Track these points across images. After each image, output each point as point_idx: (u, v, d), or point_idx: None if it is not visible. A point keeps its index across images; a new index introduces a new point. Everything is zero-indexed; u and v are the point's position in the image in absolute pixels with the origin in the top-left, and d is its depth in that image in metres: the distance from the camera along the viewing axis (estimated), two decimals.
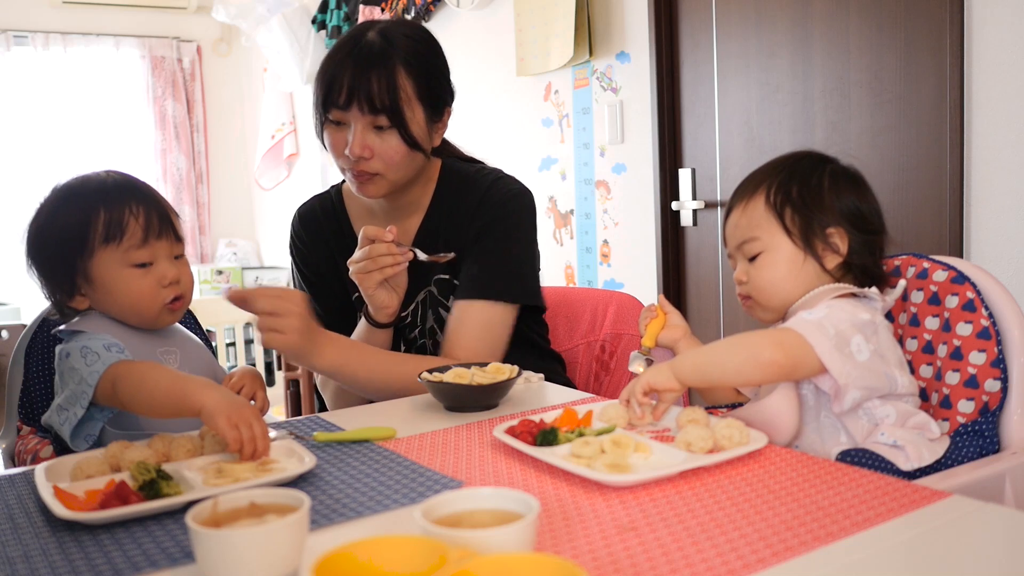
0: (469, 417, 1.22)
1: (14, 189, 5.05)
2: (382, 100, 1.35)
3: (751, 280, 1.18)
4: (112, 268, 1.18)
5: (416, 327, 1.52)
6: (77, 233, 1.18)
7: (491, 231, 1.48)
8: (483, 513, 0.71)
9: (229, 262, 5.54)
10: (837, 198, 1.15)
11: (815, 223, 1.14)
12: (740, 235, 1.19)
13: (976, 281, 1.15)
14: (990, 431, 1.08)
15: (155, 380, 1.05)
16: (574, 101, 3.13)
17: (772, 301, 1.17)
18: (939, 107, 2.02)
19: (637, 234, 2.93)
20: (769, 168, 1.21)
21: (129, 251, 1.18)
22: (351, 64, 1.36)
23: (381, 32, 1.40)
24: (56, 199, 1.22)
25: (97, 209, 1.18)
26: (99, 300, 1.21)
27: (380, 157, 1.38)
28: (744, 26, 2.53)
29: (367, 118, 1.37)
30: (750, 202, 1.19)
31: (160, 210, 1.22)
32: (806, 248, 1.15)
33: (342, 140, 1.39)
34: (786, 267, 1.15)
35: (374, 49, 1.37)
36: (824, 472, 0.90)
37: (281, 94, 5.14)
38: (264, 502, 0.73)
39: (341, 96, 1.36)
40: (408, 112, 1.38)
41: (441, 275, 1.51)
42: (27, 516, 0.89)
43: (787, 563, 0.69)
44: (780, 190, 1.17)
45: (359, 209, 1.57)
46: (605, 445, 0.95)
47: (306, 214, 1.61)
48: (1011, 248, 1.90)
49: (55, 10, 5.14)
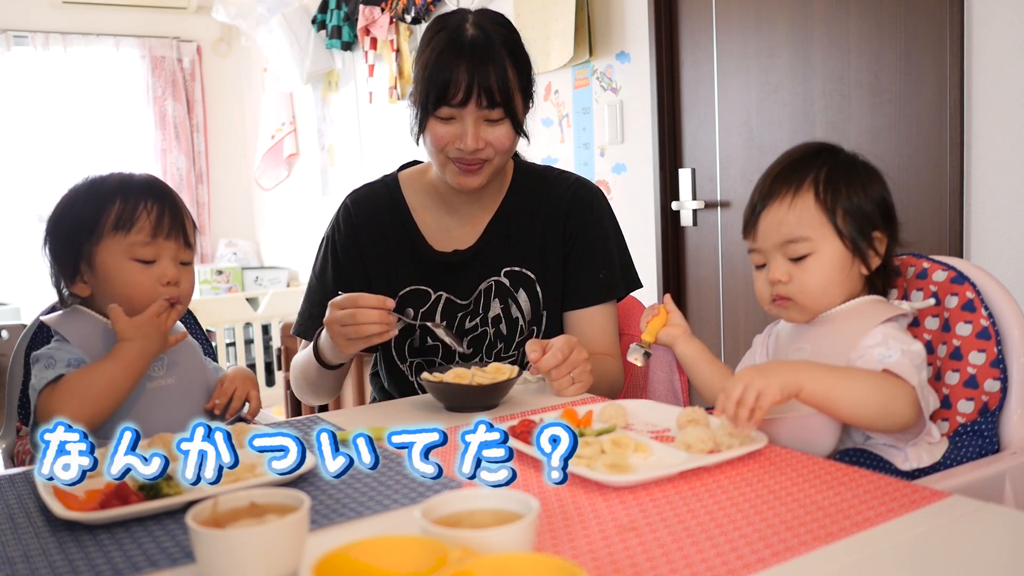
0: (469, 417, 1.22)
1: (14, 189, 5.06)
2: (501, 91, 1.37)
3: (796, 282, 1.12)
4: (116, 257, 1.19)
5: (477, 316, 1.54)
6: (90, 219, 1.19)
7: (594, 235, 1.55)
8: (483, 513, 0.71)
9: (229, 262, 5.53)
10: (874, 195, 1.13)
11: (866, 226, 1.11)
12: (786, 233, 1.11)
13: (976, 281, 1.15)
14: (990, 431, 1.08)
15: (96, 368, 1.15)
16: (574, 101, 3.13)
17: (817, 305, 1.13)
18: (939, 107, 2.02)
19: (637, 234, 2.93)
20: (804, 160, 1.15)
21: (135, 244, 1.19)
22: (465, 62, 1.35)
23: (477, 25, 1.40)
24: (80, 187, 1.23)
25: (114, 199, 1.20)
26: (98, 288, 1.21)
27: (491, 147, 1.40)
28: (744, 26, 2.53)
29: (482, 112, 1.38)
30: (796, 198, 1.11)
31: (175, 211, 1.22)
32: (855, 251, 1.11)
33: (449, 134, 1.39)
34: (835, 271, 1.11)
35: (479, 43, 1.37)
36: (824, 472, 0.90)
37: (281, 94, 5.14)
38: (264, 502, 0.73)
39: (458, 95, 1.36)
40: (517, 102, 1.41)
41: (513, 267, 1.53)
42: (27, 516, 0.89)
43: (787, 563, 0.69)
44: (828, 187, 1.11)
45: (420, 199, 1.57)
46: (605, 445, 0.95)
47: (362, 200, 1.59)
48: (1011, 248, 1.90)
49: (55, 10, 5.13)
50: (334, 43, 4.34)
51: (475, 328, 1.54)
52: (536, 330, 1.55)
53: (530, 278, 1.54)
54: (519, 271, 1.54)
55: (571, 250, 1.55)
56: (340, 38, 4.31)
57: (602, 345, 1.52)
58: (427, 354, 1.56)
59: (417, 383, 1.57)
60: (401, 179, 1.60)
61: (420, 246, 1.54)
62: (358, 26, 4.12)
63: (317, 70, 4.61)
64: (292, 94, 5.13)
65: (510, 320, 1.54)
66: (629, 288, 1.60)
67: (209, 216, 5.70)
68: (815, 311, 1.14)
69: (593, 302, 1.55)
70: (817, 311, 1.14)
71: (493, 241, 1.54)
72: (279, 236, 5.54)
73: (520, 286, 1.54)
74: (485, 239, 1.54)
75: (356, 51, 4.38)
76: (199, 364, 1.31)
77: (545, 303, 1.55)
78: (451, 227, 1.55)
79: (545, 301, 1.55)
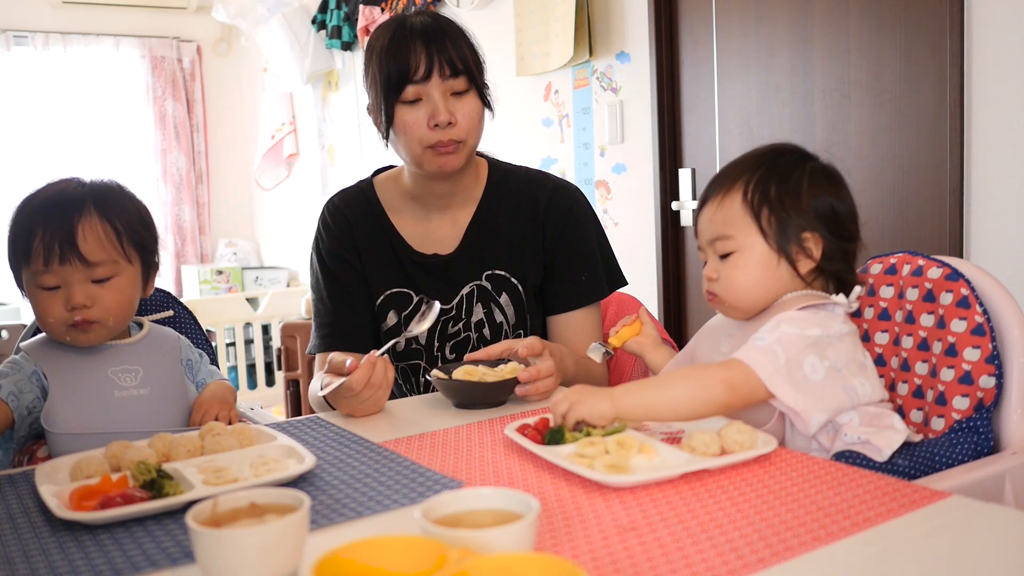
0: (474, 416, 1.23)
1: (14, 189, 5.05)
2: (462, 61, 1.38)
3: (721, 279, 1.16)
4: (29, 286, 1.22)
5: (460, 320, 1.53)
6: (13, 246, 1.22)
7: (575, 238, 1.54)
8: (483, 513, 0.71)
9: (229, 262, 5.53)
10: (815, 199, 1.13)
11: (791, 226, 1.12)
12: (714, 231, 1.16)
13: (970, 278, 1.15)
14: (985, 427, 1.08)
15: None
16: (574, 101, 3.13)
17: (741, 303, 1.15)
18: (939, 107, 2.02)
19: (637, 234, 2.93)
20: (747, 162, 1.17)
21: (36, 273, 1.20)
22: (419, 38, 1.37)
23: (420, 15, 1.42)
24: (18, 206, 1.24)
25: (30, 226, 1.20)
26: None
27: (462, 122, 1.40)
28: (744, 26, 2.53)
29: (446, 84, 1.38)
30: (726, 197, 1.15)
31: (67, 234, 1.17)
32: (780, 251, 1.13)
33: (419, 117, 1.39)
34: (758, 269, 1.13)
35: (428, 25, 1.39)
36: (824, 472, 0.90)
37: (281, 94, 5.14)
38: (264, 502, 0.73)
39: (419, 70, 1.36)
40: (477, 73, 1.42)
41: (496, 270, 1.53)
42: (27, 516, 0.89)
43: (787, 563, 0.69)
44: (758, 188, 1.13)
45: (396, 203, 1.56)
46: (609, 446, 0.95)
47: (339, 205, 1.58)
48: (1011, 248, 1.90)
49: (55, 10, 5.14)
50: (334, 43, 4.35)
51: (458, 333, 1.54)
52: (521, 334, 1.55)
53: (512, 282, 1.53)
54: (501, 275, 1.53)
55: (553, 256, 1.54)
56: (340, 38, 4.31)
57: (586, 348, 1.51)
58: (411, 358, 1.56)
59: (407, 386, 1.59)
60: (376, 183, 1.59)
61: (400, 248, 1.53)
62: (358, 26, 4.12)
63: (317, 70, 4.61)
64: (292, 94, 5.13)
65: (494, 324, 1.53)
66: (613, 287, 1.59)
67: (209, 216, 5.70)
68: (740, 308, 1.16)
69: (576, 306, 1.54)
70: (743, 308, 1.16)
71: (473, 245, 1.53)
72: (279, 236, 5.54)
73: (503, 290, 1.53)
74: (465, 243, 1.53)
75: (356, 51, 4.38)
76: (177, 378, 1.31)
77: (528, 307, 1.54)
78: (430, 229, 1.54)
79: (528, 305, 1.54)
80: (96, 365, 1.25)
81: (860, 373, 1.09)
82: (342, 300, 1.53)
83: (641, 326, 1.35)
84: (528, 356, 1.31)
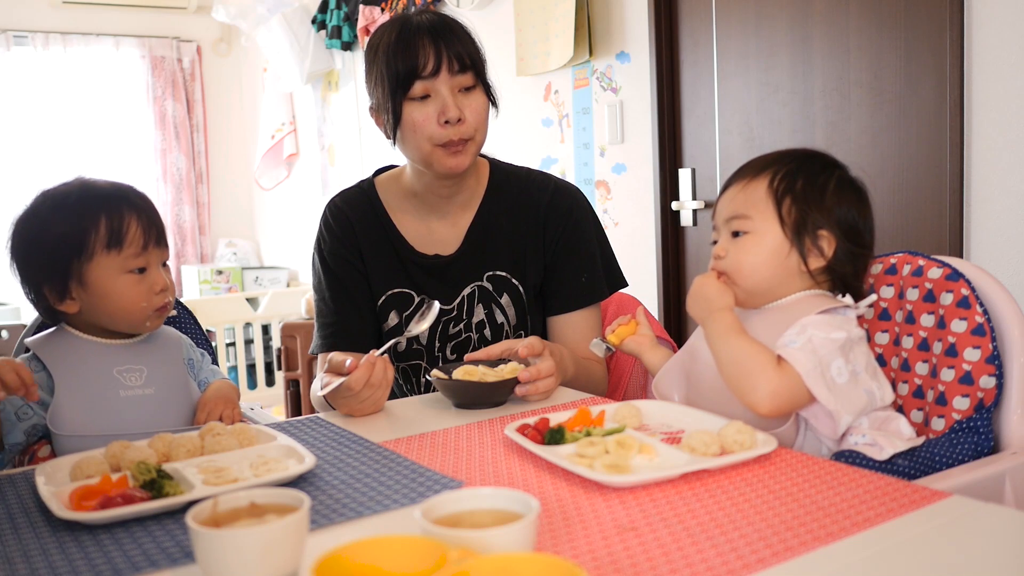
0: (474, 416, 1.23)
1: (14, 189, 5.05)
2: (469, 56, 1.38)
3: (730, 257, 1.17)
4: (110, 273, 1.22)
5: (461, 321, 1.53)
6: (76, 238, 1.21)
7: (576, 240, 1.54)
8: (483, 513, 0.71)
9: (229, 262, 5.54)
10: (837, 204, 1.15)
11: (810, 221, 1.14)
12: (733, 209, 1.18)
13: (971, 278, 1.15)
14: (985, 427, 1.08)
15: None
16: (574, 101, 3.13)
17: (744, 282, 1.16)
18: (939, 107, 2.02)
19: (637, 234, 2.93)
20: (779, 156, 1.20)
21: (128, 258, 1.22)
22: (426, 34, 1.37)
23: (422, 14, 1.42)
24: (50, 204, 1.24)
25: (98, 215, 1.22)
26: (90, 304, 1.24)
27: (471, 119, 1.40)
28: (744, 26, 2.53)
29: (455, 80, 1.38)
30: (752, 182, 1.17)
31: (155, 219, 1.27)
32: (793, 242, 1.14)
33: (429, 114, 1.38)
34: (769, 255, 1.15)
35: (434, 22, 1.39)
36: (824, 472, 0.90)
37: (281, 94, 5.14)
38: (264, 502, 0.73)
39: (428, 65, 1.36)
40: (483, 69, 1.42)
41: (497, 271, 1.53)
42: (27, 516, 0.89)
43: (787, 563, 0.69)
44: (785, 179, 1.16)
45: (398, 203, 1.56)
46: (609, 446, 0.95)
47: (340, 205, 1.57)
48: (1011, 248, 1.90)
49: (55, 10, 5.14)
50: (334, 43, 4.35)
51: (459, 333, 1.54)
52: (522, 335, 1.55)
53: (513, 283, 1.53)
54: (502, 276, 1.53)
55: (553, 257, 1.54)
56: (340, 38, 4.31)
57: (586, 349, 1.51)
58: (412, 358, 1.56)
59: (408, 387, 1.59)
60: (377, 184, 1.58)
61: (402, 249, 1.53)
62: (358, 26, 4.12)
63: (317, 70, 4.61)
64: (292, 94, 5.13)
65: (495, 325, 1.53)
66: (613, 288, 1.60)
67: (209, 216, 5.70)
68: (741, 288, 1.17)
69: (576, 306, 1.54)
70: (746, 290, 1.17)
71: (474, 246, 1.53)
72: (279, 236, 5.54)
73: (503, 291, 1.53)
74: (466, 244, 1.53)
75: (356, 51, 4.38)
76: (181, 377, 1.32)
77: (529, 308, 1.54)
78: (432, 230, 1.54)
79: (529, 306, 1.54)
80: (102, 364, 1.25)
81: (874, 377, 1.10)
82: (344, 300, 1.53)
83: (637, 325, 1.36)
84: (528, 356, 1.30)
